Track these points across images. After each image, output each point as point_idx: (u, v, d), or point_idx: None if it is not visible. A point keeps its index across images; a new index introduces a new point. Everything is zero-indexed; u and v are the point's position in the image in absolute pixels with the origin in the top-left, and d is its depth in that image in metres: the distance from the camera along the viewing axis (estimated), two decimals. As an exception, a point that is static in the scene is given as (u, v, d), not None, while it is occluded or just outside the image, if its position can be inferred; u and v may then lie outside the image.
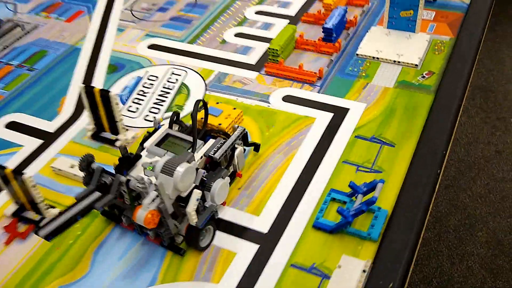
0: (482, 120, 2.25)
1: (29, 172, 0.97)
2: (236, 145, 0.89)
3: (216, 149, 0.84)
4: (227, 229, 0.85)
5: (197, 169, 0.79)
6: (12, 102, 1.16)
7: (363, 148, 0.96)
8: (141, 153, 0.85)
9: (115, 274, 0.80)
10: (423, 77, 1.10)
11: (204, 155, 0.84)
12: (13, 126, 1.10)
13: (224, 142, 0.86)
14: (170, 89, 1.14)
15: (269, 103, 1.07)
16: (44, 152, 1.02)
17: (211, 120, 0.95)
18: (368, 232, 0.81)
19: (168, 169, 0.74)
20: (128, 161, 0.83)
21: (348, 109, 1.04)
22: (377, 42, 1.19)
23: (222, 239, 0.83)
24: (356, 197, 0.84)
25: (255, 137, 1.00)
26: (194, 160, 0.79)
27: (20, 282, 0.81)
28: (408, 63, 1.13)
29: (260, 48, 1.23)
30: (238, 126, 0.91)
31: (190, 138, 0.86)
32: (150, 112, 1.09)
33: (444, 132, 0.93)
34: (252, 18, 1.34)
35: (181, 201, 0.77)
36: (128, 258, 0.82)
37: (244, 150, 0.93)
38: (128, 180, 0.79)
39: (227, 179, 0.84)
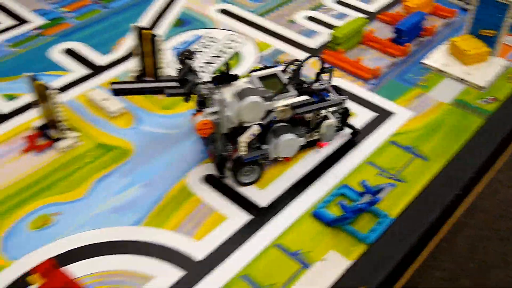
0: None
1: (66, 96, 1.01)
2: (330, 116, 0.87)
3: (300, 105, 0.82)
4: (227, 193, 0.82)
5: (271, 111, 0.80)
6: (78, 32, 1.20)
7: (394, 154, 0.90)
8: (240, 77, 0.86)
9: (106, 206, 0.81)
10: (485, 101, 1.01)
11: (288, 104, 0.82)
12: (70, 52, 1.14)
13: (313, 103, 0.83)
14: (224, 53, 1.13)
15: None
16: (87, 81, 1.05)
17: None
18: (366, 235, 0.75)
19: (241, 95, 0.77)
20: (225, 77, 0.84)
21: (394, 113, 0.98)
22: (448, 55, 1.11)
23: (218, 201, 0.81)
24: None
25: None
26: (271, 101, 0.80)
27: (22, 188, 0.83)
28: (474, 84, 1.04)
29: (326, 35, 1.19)
30: (346, 97, 0.88)
31: (292, 88, 0.85)
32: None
33: (479, 158, 0.84)
34: (329, 6, 1.31)
35: (243, 131, 0.79)
36: (123, 195, 0.82)
37: (341, 128, 0.91)
38: (199, 83, 0.82)
39: (302, 139, 0.84)
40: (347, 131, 0.93)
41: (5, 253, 0.75)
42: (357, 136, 0.92)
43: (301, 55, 1.13)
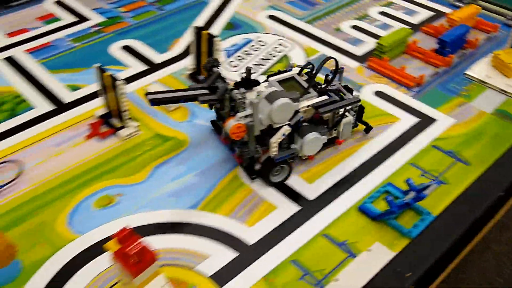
0: None
1: (127, 88, 1.07)
2: (347, 114, 0.91)
3: (322, 105, 0.86)
4: (277, 185, 0.87)
5: (297, 111, 0.83)
6: (134, 31, 1.28)
7: (436, 158, 0.94)
8: (261, 82, 0.89)
9: (164, 191, 0.86)
10: (526, 112, 1.04)
11: (310, 105, 0.86)
12: (128, 49, 1.21)
13: (334, 102, 0.87)
14: (273, 56, 1.19)
15: (359, 92, 1.08)
16: (145, 77, 1.12)
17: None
18: (410, 230, 0.79)
19: (271, 97, 0.79)
20: (247, 82, 0.87)
21: (436, 120, 1.02)
22: (491, 68, 1.15)
23: (268, 192, 0.86)
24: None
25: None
26: (298, 102, 0.83)
27: (87, 170, 0.90)
28: (515, 95, 1.08)
29: (371, 44, 1.23)
30: (358, 95, 0.91)
31: (311, 89, 0.88)
32: (248, 70, 1.14)
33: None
34: (374, 16, 1.36)
35: (272, 132, 0.82)
36: (180, 182, 0.88)
37: (356, 125, 0.95)
38: (232, 89, 0.86)
39: (324, 138, 0.87)
40: (390, 133, 0.98)
41: (71, 227, 0.81)
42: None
43: (347, 61, 1.18)
